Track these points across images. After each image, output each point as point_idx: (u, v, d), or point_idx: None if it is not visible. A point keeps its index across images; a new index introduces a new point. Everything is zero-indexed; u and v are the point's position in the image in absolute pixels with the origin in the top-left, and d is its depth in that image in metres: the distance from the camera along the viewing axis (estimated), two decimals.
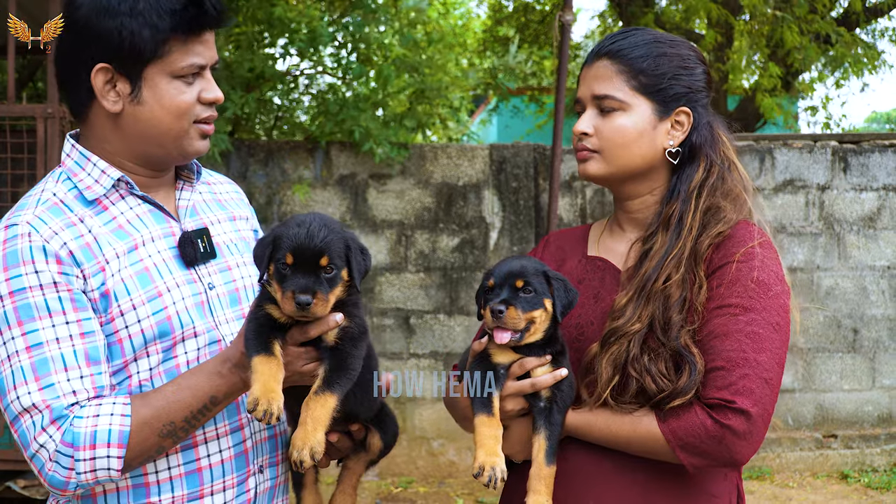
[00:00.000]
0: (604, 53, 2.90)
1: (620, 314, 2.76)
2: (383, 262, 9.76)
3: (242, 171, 9.66)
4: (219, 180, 3.08)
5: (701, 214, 2.80)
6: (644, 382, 2.68)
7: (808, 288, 9.81)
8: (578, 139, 2.91)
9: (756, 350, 2.62)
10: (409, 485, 9.35)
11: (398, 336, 9.76)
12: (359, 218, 9.73)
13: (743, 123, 13.46)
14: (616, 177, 2.91)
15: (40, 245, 2.51)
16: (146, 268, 2.64)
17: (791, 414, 9.80)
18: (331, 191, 9.71)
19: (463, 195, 9.82)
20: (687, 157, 2.89)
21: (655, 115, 2.86)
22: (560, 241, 3.16)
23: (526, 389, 2.74)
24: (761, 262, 2.74)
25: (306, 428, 2.47)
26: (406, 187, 9.79)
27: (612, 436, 2.74)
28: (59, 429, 2.45)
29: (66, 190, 2.66)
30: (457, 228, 9.83)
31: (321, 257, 2.48)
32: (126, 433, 2.47)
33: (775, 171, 9.97)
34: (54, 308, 2.50)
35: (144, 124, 2.65)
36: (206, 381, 2.54)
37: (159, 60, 2.60)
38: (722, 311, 2.68)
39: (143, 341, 2.59)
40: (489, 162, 9.85)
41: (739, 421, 2.57)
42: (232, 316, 2.78)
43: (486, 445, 2.65)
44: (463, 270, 9.81)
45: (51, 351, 2.48)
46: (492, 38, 18.15)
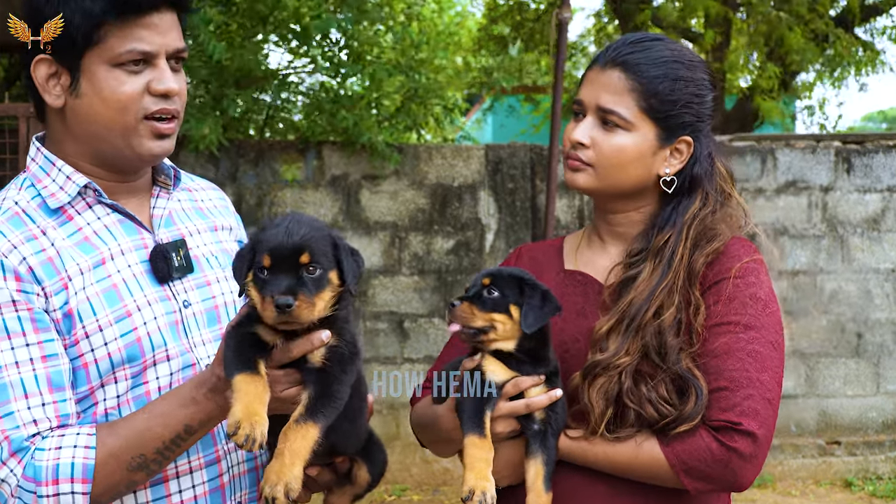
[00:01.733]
0: (619, 63, 2.76)
1: (603, 346, 2.66)
2: (377, 265, 9.64)
3: (232, 171, 9.51)
4: (201, 186, 2.85)
5: (691, 242, 2.73)
6: (644, 412, 2.60)
7: (811, 291, 9.72)
8: (573, 146, 2.78)
9: (758, 369, 2.57)
10: (403, 492, 9.24)
11: (392, 340, 9.65)
12: (351, 219, 9.61)
13: (740, 123, 13.45)
14: (605, 193, 2.82)
15: None
16: (114, 284, 2.42)
17: (793, 420, 9.70)
18: (323, 192, 9.58)
19: (458, 196, 9.72)
20: (686, 188, 2.80)
21: (657, 141, 2.77)
22: (533, 254, 3.04)
23: (520, 410, 2.62)
24: (757, 278, 2.70)
25: (283, 460, 2.21)
26: (400, 188, 9.67)
27: (610, 462, 2.65)
28: (19, 462, 2.24)
29: (28, 198, 2.45)
30: (452, 230, 9.74)
31: (301, 255, 2.24)
32: (91, 466, 2.26)
33: (777, 172, 9.88)
34: (13, 329, 2.29)
35: (87, 119, 2.44)
36: (180, 409, 2.32)
37: (96, 47, 2.39)
38: (721, 328, 2.62)
39: (111, 366, 2.38)
40: (485, 162, 9.75)
41: (746, 443, 2.52)
42: (209, 336, 2.55)
43: (477, 468, 2.51)
44: (458, 273, 9.71)
45: (9, 376, 2.27)
46: (486, 36, 18.12)
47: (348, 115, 9.15)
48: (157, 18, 2.43)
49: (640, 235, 2.81)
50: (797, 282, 9.79)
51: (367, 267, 9.51)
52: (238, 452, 2.57)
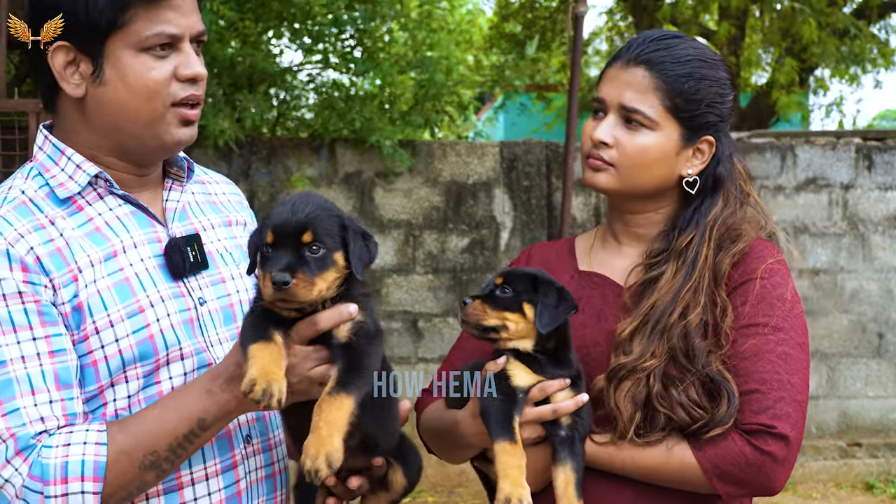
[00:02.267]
0: (643, 61, 2.73)
1: (627, 349, 2.64)
2: (390, 264, 9.62)
3: (245, 168, 9.48)
4: (214, 179, 2.75)
5: (715, 243, 2.72)
6: (675, 416, 2.58)
7: (832, 291, 9.67)
8: (594, 146, 2.74)
9: (789, 371, 2.57)
10: (418, 494, 9.17)
11: (406, 340, 9.63)
12: (365, 217, 9.57)
13: (756, 120, 13.46)
14: (626, 194, 2.79)
15: (3, 249, 2.19)
16: (126, 278, 2.31)
17: (814, 422, 9.64)
18: (336, 189, 9.54)
19: (473, 194, 9.69)
20: (709, 188, 2.79)
21: (681, 141, 2.75)
22: (544, 255, 3.00)
23: (547, 416, 2.58)
24: (782, 278, 2.71)
25: (320, 433, 2.13)
26: (414, 186, 9.64)
27: (639, 467, 2.63)
28: (25, 461, 2.14)
29: (36, 187, 2.34)
30: (466, 228, 9.72)
31: (304, 233, 2.18)
32: (102, 464, 2.16)
33: (797, 169, 9.84)
34: (19, 322, 2.18)
35: (110, 108, 2.32)
36: (194, 401, 2.22)
37: (120, 31, 2.27)
38: (750, 330, 2.62)
39: (122, 364, 2.27)
40: (500, 160, 9.72)
41: (779, 447, 2.51)
42: (226, 335, 2.45)
43: (511, 475, 2.46)
44: (473, 272, 9.69)
45: (15, 371, 2.16)
46: (498, 34, 18.07)
47: (357, 115, 9.14)
48: (178, 1, 2.33)
49: (660, 236, 2.79)
50: (818, 281, 9.75)
51: (381, 265, 9.52)
52: (255, 458, 2.48)
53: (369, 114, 9.19)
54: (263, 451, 2.51)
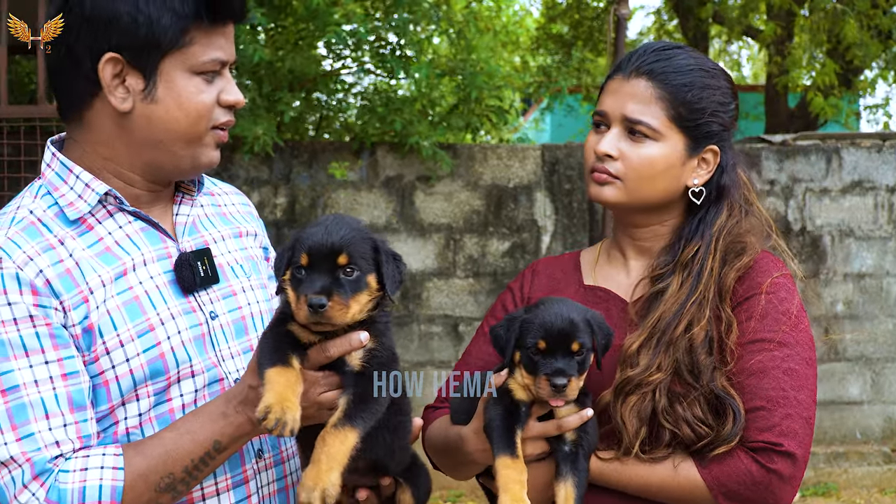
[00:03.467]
0: (644, 72, 2.72)
1: (634, 362, 2.62)
2: (431, 268, 9.65)
3: (286, 172, 9.52)
4: (224, 190, 2.77)
5: (720, 255, 2.71)
6: (681, 432, 2.57)
7: (878, 294, 9.60)
8: (599, 159, 2.72)
9: (795, 388, 2.56)
10: (458, 498, 9.21)
11: (446, 344, 9.63)
12: (405, 221, 9.61)
13: (804, 122, 13.39)
14: (632, 207, 2.77)
15: (13, 273, 2.20)
16: (136, 297, 2.32)
17: (859, 427, 9.60)
18: (377, 193, 9.58)
19: (514, 197, 9.68)
20: (714, 198, 2.79)
21: (686, 151, 2.74)
22: (550, 270, 3.00)
23: (552, 432, 2.56)
24: (788, 293, 2.68)
25: (319, 466, 2.15)
26: (454, 189, 9.66)
27: (645, 483, 2.61)
28: (42, 485, 2.15)
29: (45, 206, 2.35)
30: (507, 232, 9.70)
31: (339, 255, 2.19)
32: (119, 489, 2.17)
33: (842, 171, 9.77)
34: (31, 346, 2.19)
35: (157, 125, 2.32)
36: (209, 424, 2.23)
37: (178, 52, 2.29)
38: (755, 346, 2.60)
39: (133, 383, 2.28)
40: (541, 163, 9.70)
41: (786, 464, 2.51)
42: (238, 349, 2.46)
43: (511, 490, 2.46)
44: (513, 276, 9.31)
45: (29, 395, 2.18)
46: (545, 35, 18.10)
47: (397, 118, 9.15)
48: (231, 27, 2.37)
49: (666, 248, 2.79)
50: (863, 285, 9.70)
51: (421, 269, 9.57)
52: (268, 472, 2.50)
53: (409, 116, 9.22)
54: (276, 465, 2.52)
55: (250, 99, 9.15)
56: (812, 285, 9.72)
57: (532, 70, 19.64)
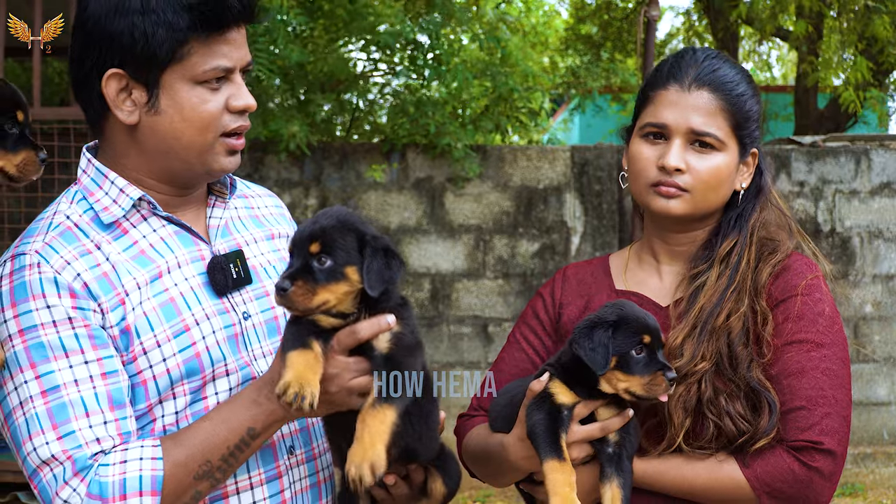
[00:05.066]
0: (706, 83, 2.77)
1: (679, 353, 2.67)
2: (460, 269, 9.70)
3: (317, 173, 9.60)
4: (257, 193, 2.82)
5: (756, 248, 2.78)
6: (723, 425, 2.61)
7: None
8: (667, 173, 2.74)
9: (833, 387, 2.61)
10: (487, 498, 9.22)
11: (476, 345, 9.67)
12: (435, 223, 9.67)
13: (835, 123, 13.33)
14: (694, 216, 2.81)
15: (51, 277, 2.28)
16: (172, 298, 2.39)
17: (887, 428, 9.62)
18: (407, 194, 9.65)
19: (543, 199, 9.71)
20: (752, 196, 2.86)
21: (738, 158, 2.82)
22: (580, 275, 3.04)
23: (595, 434, 2.59)
24: (822, 294, 2.73)
25: (364, 442, 2.22)
26: (484, 191, 9.70)
27: (688, 484, 2.66)
28: (83, 481, 2.22)
29: (80, 212, 2.42)
30: (537, 233, 9.73)
31: (311, 244, 2.26)
32: (160, 478, 2.24)
33: (871, 173, 9.78)
34: (71, 346, 2.26)
35: (163, 137, 2.39)
36: (243, 411, 2.30)
37: (178, 64, 2.34)
38: (793, 347, 2.66)
39: (170, 382, 2.35)
40: (570, 164, 9.73)
41: (827, 462, 2.57)
42: (270, 349, 2.52)
43: (562, 493, 2.49)
44: (543, 277, 9.67)
45: (69, 395, 2.25)
46: (574, 36, 18.03)
47: (430, 120, 9.20)
48: (234, 33, 2.40)
49: (702, 246, 2.83)
50: (891, 286, 9.71)
51: (451, 270, 9.63)
52: (300, 468, 2.55)
53: (441, 118, 9.28)
54: (308, 461, 2.58)
55: (284, 99, 9.24)
56: (841, 286, 9.75)
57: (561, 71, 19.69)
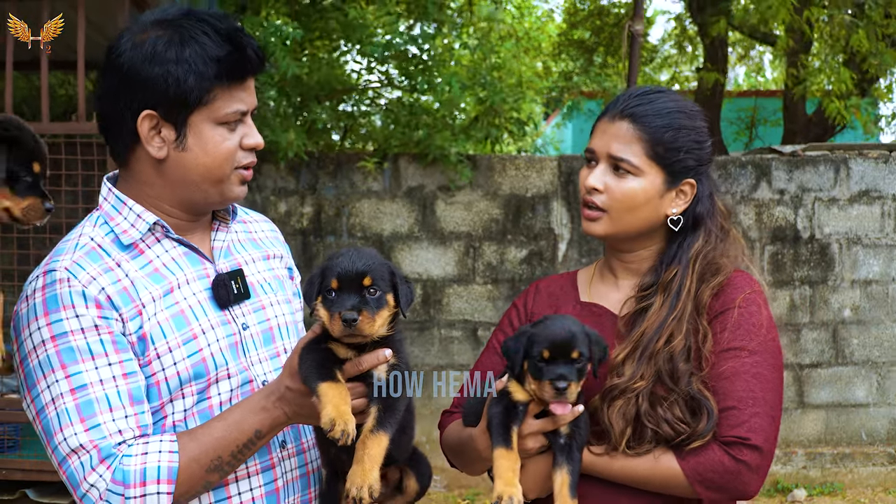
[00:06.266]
0: (627, 114, 3.00)
1: (620, 372, 2.90)
2: (451, 274, 9.83)
3: (312, 182, 9.75)
4: (255, 219, 3.11)
5: (697, 276, 2.98)
6: (661, 431, 2.84)
7: (884, 301, 9.75)
8: (588, 192, 3.01)
9: (763, 390, 2.85)
10: (476, 497, 9.37)
11: (466, 348, 9.79)
12: (427, 230, 9.80)
13: (822, 128, 13.46)
14: (618, 236, 3.04)
15: (80, 290, 2.56)
16: (182, 310, 2.68)
17: (865, 429, 9.74)
18: (399, 202, 9.77)
19: (531, 206, 9.84)
20: (690, 225, 3.05)
21: (664, 185, 3.01)
22: (550, 288, 3.28)
23: (548, 427, 2.84)
24: (758, 307, 2.95)
25: (364, 466, 2.52)
26: (474, 199, 9.83)
27: (631, 473, 2.89)
28: (108, 468, 2.50)
29: (103, 234, 2.70)
30: (525, 240, 9.86)
31: (364, 278, 2.55)
32: (175, 469, 2.52)
33: (850, 181, 9.91)
34: (97, 350, 2.55)
35: (188, 170, 2.67)
36: (252, 416, 2.59)
37: (204, 107, 2.63)
38: (729, 353, 2.88)
39: (179, 383, 2.64)
40: (558, 173, 9.85)
41: (754, 456, 2.79)
42: (266, 355, 2.82)
43: (505, 476, 2.75)
44: (531, 282, 9.50)
45: (95, 392, 2.53)
46: (566, 41, 18.15)
47: (422, 128, 9.35)
48: (249, 82, 2.70)
49: (650, 270, 3.05)
50: (869, 291, 9.82)
51: (442, 276, 9.74)
52: (291, 460, 2.84)
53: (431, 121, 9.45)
54: (298, 455, 2.87)
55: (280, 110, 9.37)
56: (821, 291, 9.90)
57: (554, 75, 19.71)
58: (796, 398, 9.94)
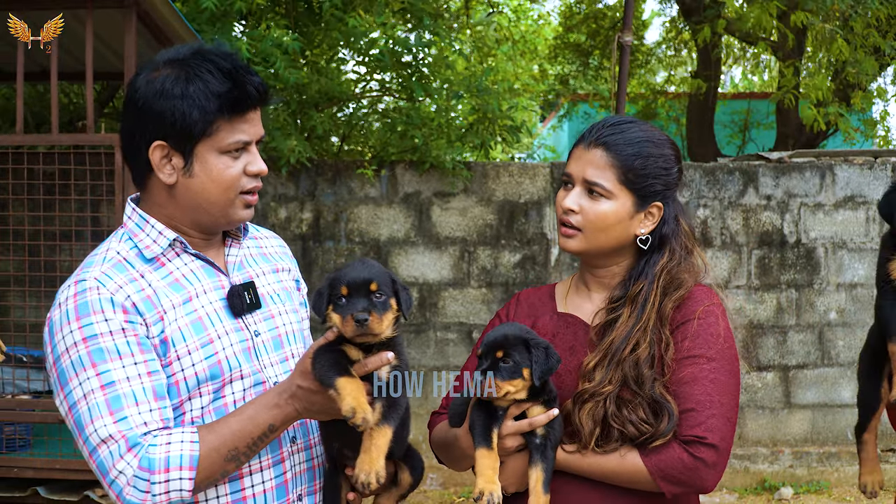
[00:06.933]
0: (601, 143, 3.21)
1: (590, 377, 3.13)
2: (447, 278, 9.98)
3: (311, 189, 9.91)
4: (265, 235, 3.35)
5: (661, 290, 3.19)
6: (626, 431, 3.06)
7: (868, 303, 9.81)
8: (564, 212, 3.23)
9: (720, 394, 3.07)
10: (470, 494, 9.21)
11: (461, 349, 9.93)
12: (423, 234, 9.95)
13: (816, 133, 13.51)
14: (591, 253, 3.26)
15: (108, 297, 2.80)
16: (199, 317, 2.92)
17: (850, 429, 9.80)
18: (396, 208, 9.92)
19: (524, 212, 9.99)
20: (656, 244, 3.27)
21: (634, 207, 3.22)
22: (530, 299, 3.49)
23: (524, 428, 3.06)
24: (716, 319, 3.16)
25: (371, 455, 2.78)
26: (469, 205, 9.98)
27: (601, 469, 3.11)
28: (135, 456, 2.73)
29: (127, 248, 2.95)
30: (518, 245, 10.01)
31: (371, 284, 2.80)
32: (196, 457, 2.75)
33: (836, 187, 10.06)
34: (124, 351, 2.78)
35: (195, 194, 2.92)
36: (266, 411, 2.83)
37: (208, 138, 2.86)
38: (689, 360, 3.10)
39: (197, 382, 2.88)
40: (550, 179, 10.01)
41: (710, 454, 3.01)
42: (276, 359, 3.06)
43: (486, 474, 3.00)
44: (524, 286, 9.88)
45: (122, 388, 2.76)
46: (562, 44, 18.25)
47: (417, 135, 9.47)
48: (251, 114, 2.93)
49: (619, 285, 3.27)
50: (854, 294, 9.97)
51: (437, 280, 9.88)
52: (299, 454, 3.10)
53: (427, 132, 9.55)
54: (305, 450, 3.12)
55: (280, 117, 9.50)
56: (807, 294, 10.04)
57: (550, 78, 19.85)
58: (783, 399, 10.10)
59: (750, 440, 10.17)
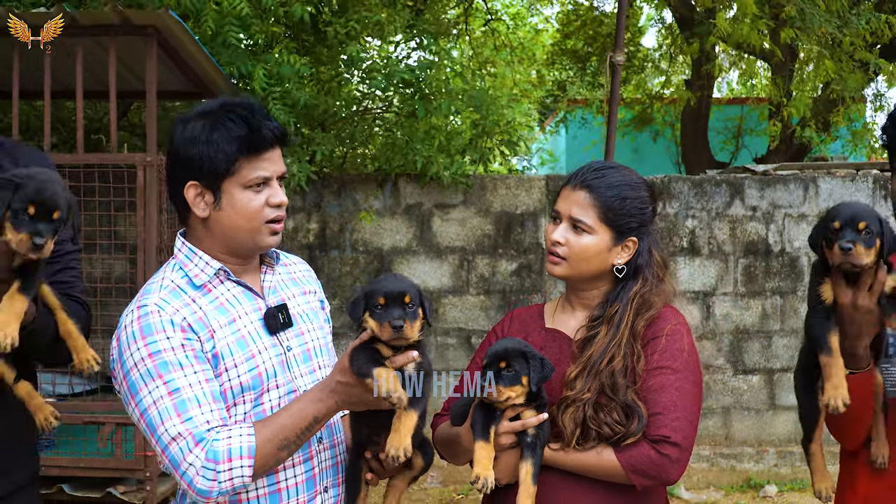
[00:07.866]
0: (585, 185, 3.57)
1: (572, 385, 3.46)
2: (447, 286, 10.17)
3: (318, 201, 10.11)
4: (293, 261, 3.71)
5: (634, 311, 3.51)
6: (602, 431, 3.40)
7: None
8: (552, 244, 3.60)
9: (683, 400, 3.40)
10: (470, 492, 9.66)
11: (461, 354, 10.18)
12: (424, 244, 10.13)
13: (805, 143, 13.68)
14: (574, 279, 3.63)
15: (168, 318, 3.17)
16: (242, 336, 3.28)
17: None
18: (398, 219, 10.11)
19: (521, 223, 10.22)
20: (631, 273, 3.60)
21: (612, 241, 3.56)
22: (523, 316, 3.83)
23: (518, 429, 3.40)
24: (681, 336, 3.50)
25: (400, 433, 3.15)
26: (468, 216, 10.18)
27: (580, 465, 3.44)
28: (202, 449, 3.08)
29: (179, 277, 3.31)
30: (515, 254, 10.22)
31: (405, 296, 3.18)
32: (254, 448, 3.10)
33: (819, 198, 10.22)
34: (185, 363, 3.14)
35: (225, 226, 3.28)
36: (310, 405, 3.18)
37: (232, 176, 3.21)
38: (657, 371, 3.43)
39: (241, 391, 3.24)
40: (545, 191, 10.17)
41: (675, 451, 3.34)
42: (306, 370, 3.42)
43: (482, 463, 3.34)
44: (521, 293, 10.15)
45: (186, 394, 3.11)
46: (560, 50, 18.39)
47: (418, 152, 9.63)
48: (270, 153, 3.29)
49: (598, 306, 3.62)
50: None
51: (438, 287, 10.08)
52: (326, 452, 3.45)
53: (428, 151, 9.71)
54: (331, 448, 3.49)
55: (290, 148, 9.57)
56: (790, 301, 10.20)
57: (548, 83, 19.99)
58: (768, 400, 10.32)
59: (736, 440, 10.36)
